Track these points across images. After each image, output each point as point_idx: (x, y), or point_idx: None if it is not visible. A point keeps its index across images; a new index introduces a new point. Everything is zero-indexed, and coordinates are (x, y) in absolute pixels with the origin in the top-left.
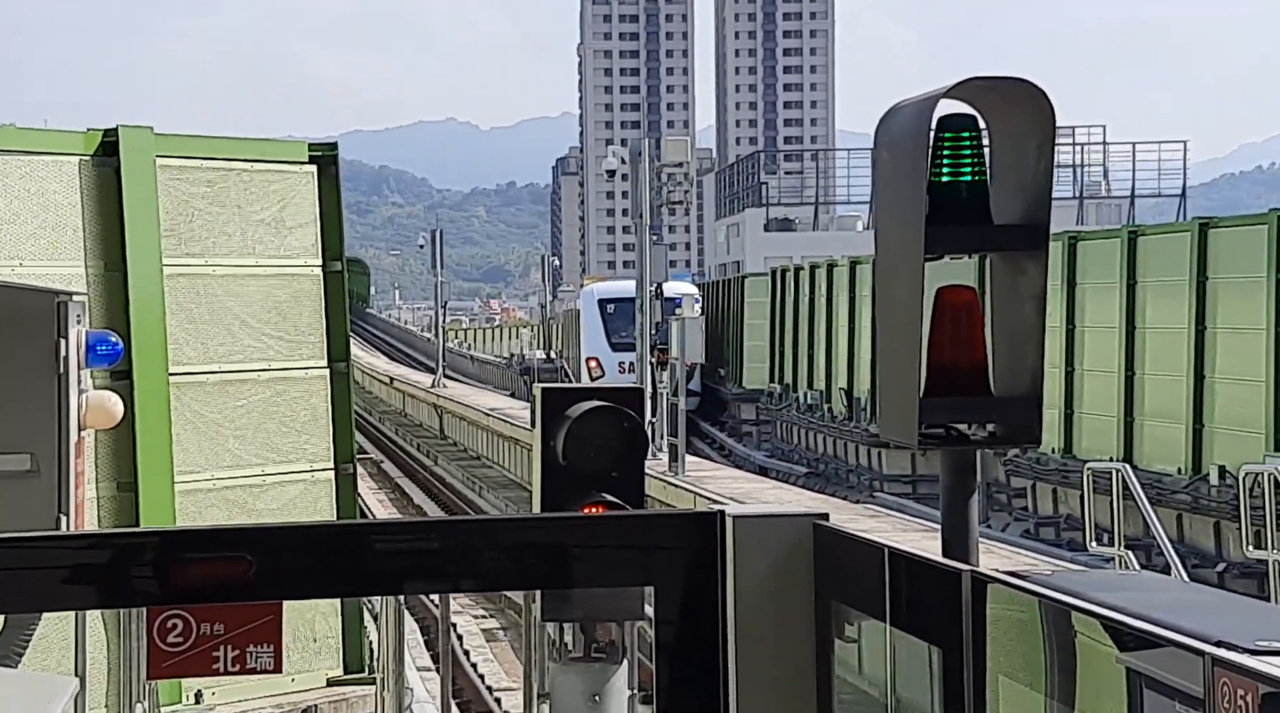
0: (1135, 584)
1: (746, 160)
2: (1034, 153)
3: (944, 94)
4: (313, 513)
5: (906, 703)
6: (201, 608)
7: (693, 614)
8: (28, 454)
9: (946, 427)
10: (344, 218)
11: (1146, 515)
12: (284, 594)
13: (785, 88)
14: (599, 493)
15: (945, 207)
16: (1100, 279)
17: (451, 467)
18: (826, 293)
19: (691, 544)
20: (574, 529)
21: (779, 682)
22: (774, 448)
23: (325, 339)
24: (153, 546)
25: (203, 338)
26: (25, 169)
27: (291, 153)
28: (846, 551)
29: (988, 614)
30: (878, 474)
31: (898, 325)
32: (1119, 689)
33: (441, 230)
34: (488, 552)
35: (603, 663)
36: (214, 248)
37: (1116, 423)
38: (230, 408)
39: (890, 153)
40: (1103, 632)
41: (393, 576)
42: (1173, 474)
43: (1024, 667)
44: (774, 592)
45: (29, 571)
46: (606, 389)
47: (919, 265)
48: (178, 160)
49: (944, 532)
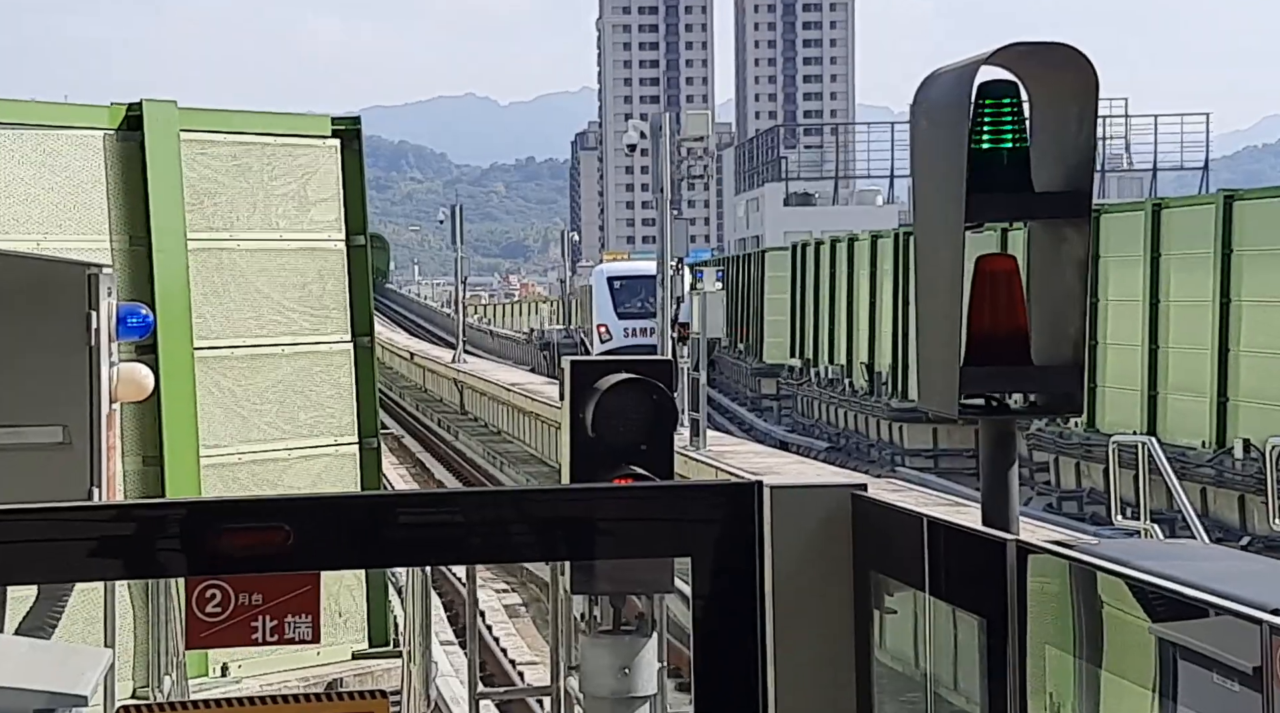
0: (1184, 553)
1: (766, 134)
2: (1075, 119)
3: (985, 60)
4: (338, 487)
5: (945, 674)
6: (240, 578)
7: (730, 586)
8: (60, 426)
9: (987, 396)
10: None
11: (1173, 489)
12: (321, 565)
13: (805, 61)
14: (628, 466)
15: (986, 174)
16: (1124, 252)
17: (472, 442)
18: (847, 267)
19: (728, 515)
20: (611, 501)
21: (818, 653)
22: (794, 423)
23: (349, 314)
24: (192, 516)
25: (227, 312)
26: (49, 144)
27: (315, 127)
28: (886, 521)
29: (1029, 584)
30: (899, 449)
31: (937, 295)
32: (1148, 659)
33: (461, 206)
34: (529, 523)
35: (632, 636)
36: (238, 222)
37: (1140, 396)
38: (255, 382)
39: (929, 120)
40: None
41: (431, 546)
42: (1197, 448)
43: (1068, 637)
44: (812, 563)
45: (68, 542)
46: (636, 361)
47: (959, 234)
48: (201, 134)
49: (984, 501)
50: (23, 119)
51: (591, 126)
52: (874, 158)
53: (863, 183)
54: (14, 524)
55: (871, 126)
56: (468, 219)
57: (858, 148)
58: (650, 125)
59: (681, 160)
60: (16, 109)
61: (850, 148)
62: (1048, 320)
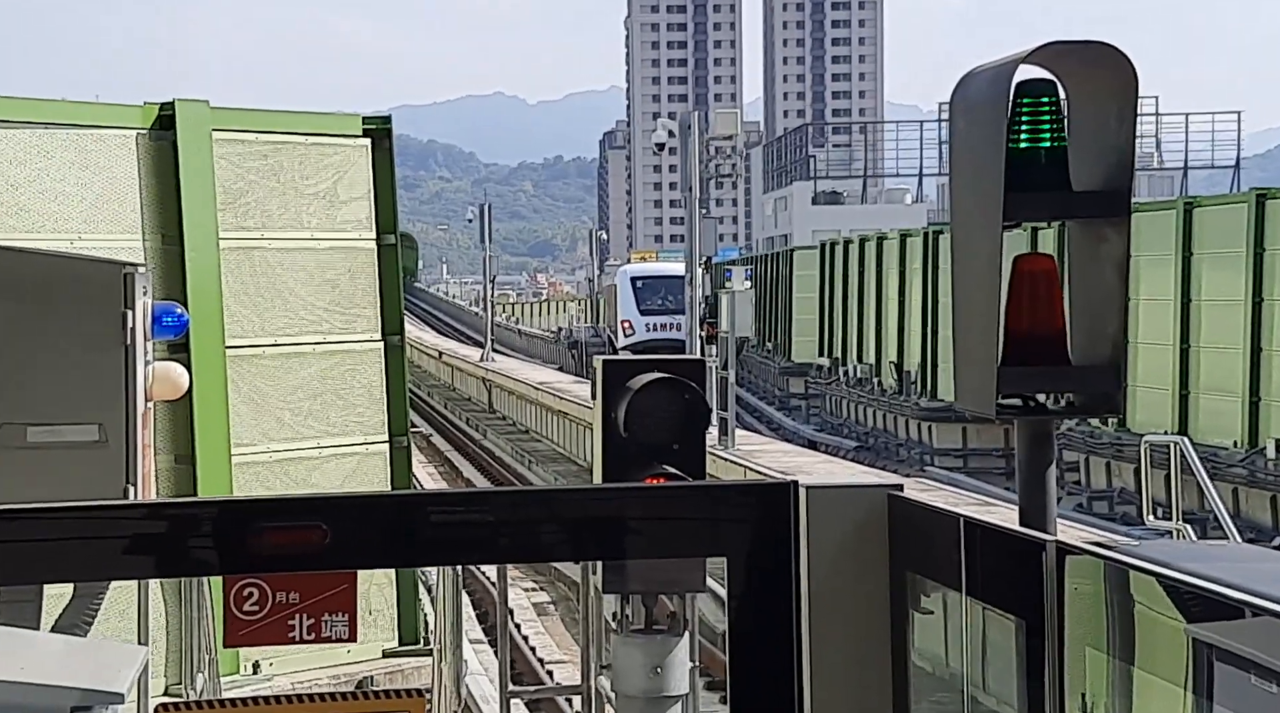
0: (1221, 554)
1: (794, 133)
2: (1115, 117)
3: (1023, 59)
4: (368, 486)
5: (982, 675)
6: (277, 577)
7: (765, 585)
8: (96, 425)
9: (1024, 397)
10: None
11: (1205, 489)
12: (357, 563)
13: (833, 59)
14: (660, 465)
15: (1024, 173)
16: (1155, 251)
17: (500, 440)
18: (876, 266)
19: (764, 515)
20: (646, 500)
21: (853, 653)
22: (823, 422)
23: (379, 312)
24: (230, 514)
25: (259, 311)
26: (83, 143)
27: (346, 126)
28: (923, 521)
29: (1066, 585)
30: (928, 448)
31: (975, 294)
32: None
33: (489, 204)
34: (564, 523)
35: (664, 635)
36: (269, 221)
37: (1171, 396)
38: (286, 381)
39: (967, 119)
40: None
41: (466, 545)
42: (1229, 448)
43: (1103, 638)
44: (847, 563)
45: (106, 540)
46: (668, 360)
47: (997, 233)
48: (233, 134)
49: (1022, 502)
50: (57, 119)
51: (620, 125)
52: (903, 156)
53: (891, 181)
54: (52, 522)
55: (900, 125)
56: (496, 218)
57: (886, 146)
58: (679, 124)
59: (710, 159)
60: (50, 109)
61: (879, 146)
62: (1086, 320)
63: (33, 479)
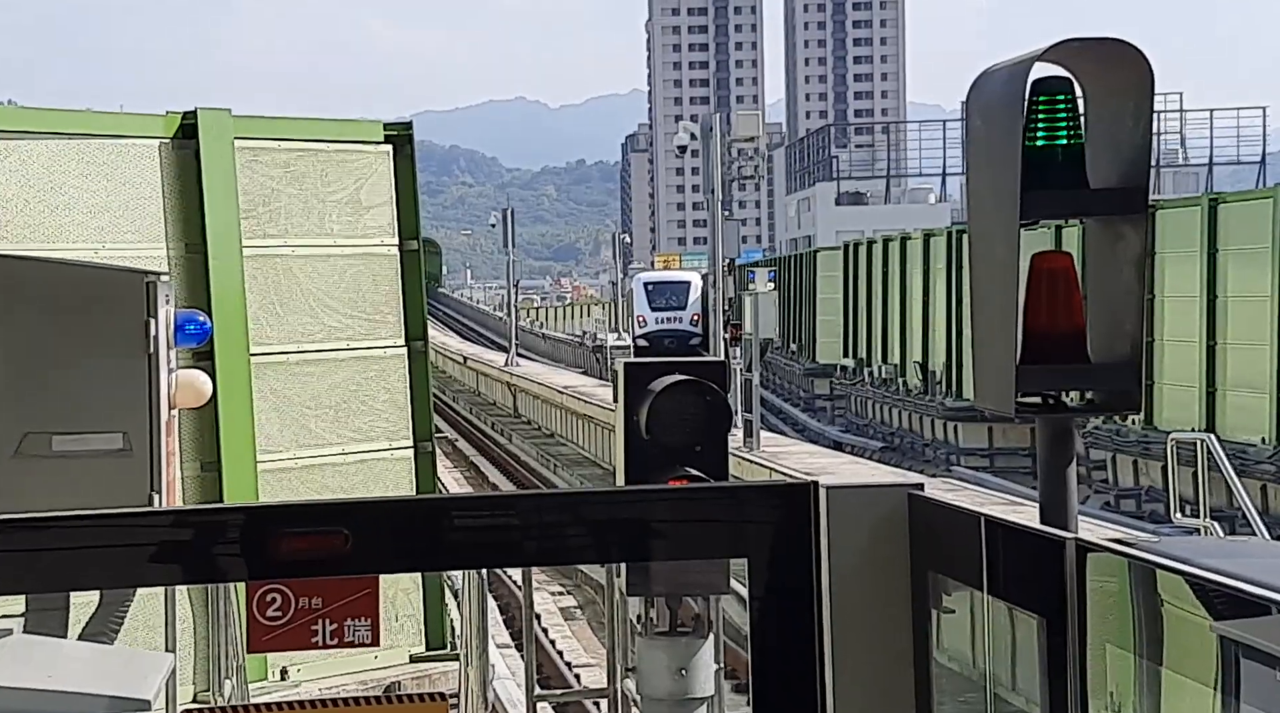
0: (1246, 550)
1: (817, 134)
2: (1131, 115)
3: (1038, 57)
4: (393, 491)
5: (1004, 674)
6: (300, 582)
7: (787, 586)
8: (120, 433)
9: (1044, 395)
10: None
11: (1233, 486)
12: (380, 568)
13: (855, 60)
14: (683, 467)
15: (1041, 171)
16: (1180, 248)
17: (526, 445)
18: (900, 266)
19: (785, 516)
20: (668, 502)
21: (876, 653)
22: (848, 423)
23: (403, 318)
24: (252, 520)
25: (282, 318)
26: (106, 153)
27: (367, 133)
28: (944, 521)
29: (1088, 583)
30: (954, 448)
31: (993, 293)
32: (1210, 657)
33: (512, 209)
34: (586, 525)
35: (689, 637)
36: (292, 228)
37: (1198, 393)
38: (310, 387)
39: (983, 118)
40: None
41: (488, 549)
42: (1256, 445)
43: (1128, 636)
44: (869, 563)
45: (131, 547)
46: (689, 363)
47: (1014, 232)
48: (255, 142)
49: (1042, 500)
50: (80, 129)
51: (641, 128)
52: (926, 156)
53: (914, 181)
54: (77, 530)
55: (923, 125)
56: (519, 222)
57: (909, 146)
58: (700, 126)
59: (732, 161)
60: (74, 119)
61: (902, 146)
62: (1104, 318)
63: (58, 488)
